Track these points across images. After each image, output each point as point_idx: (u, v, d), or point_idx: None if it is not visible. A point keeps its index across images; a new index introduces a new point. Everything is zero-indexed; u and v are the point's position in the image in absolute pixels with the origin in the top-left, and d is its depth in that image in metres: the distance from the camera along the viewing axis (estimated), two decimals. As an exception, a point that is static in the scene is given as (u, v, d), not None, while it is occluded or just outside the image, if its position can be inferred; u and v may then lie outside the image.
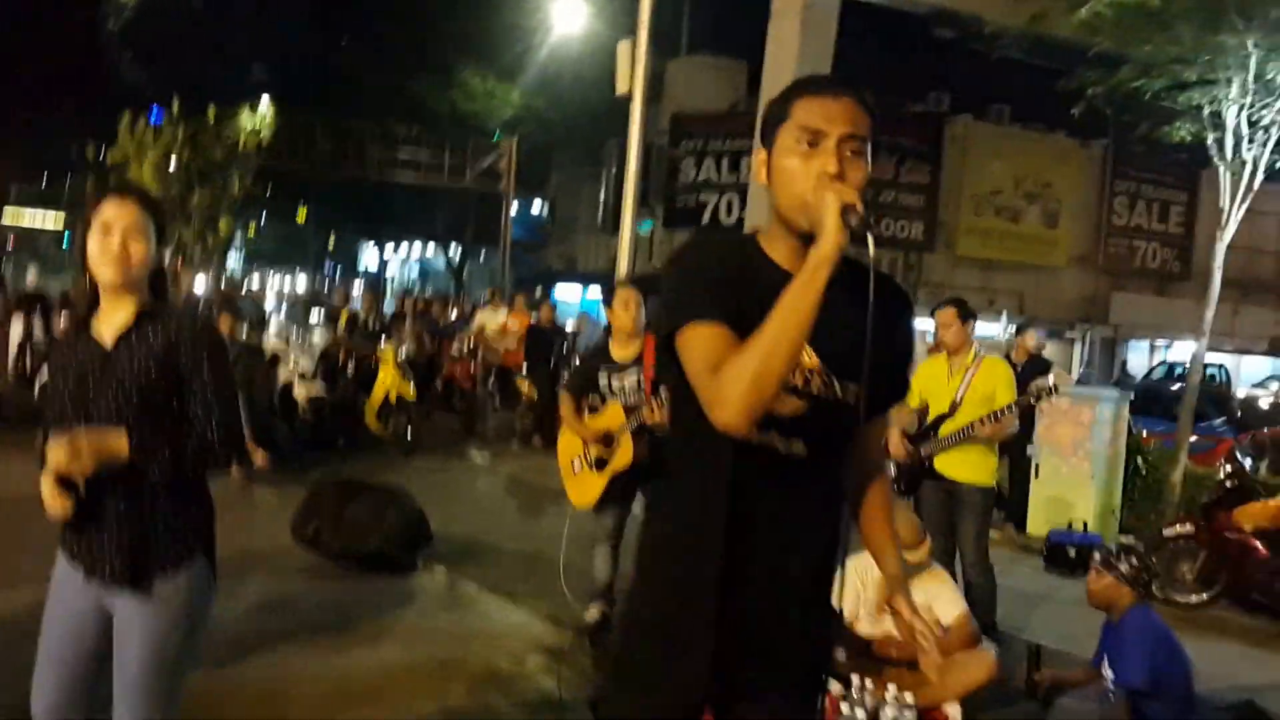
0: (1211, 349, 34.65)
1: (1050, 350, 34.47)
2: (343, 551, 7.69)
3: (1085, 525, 10.23)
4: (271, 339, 12.79)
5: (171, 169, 10.90)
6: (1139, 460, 11.65)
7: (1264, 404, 29.80)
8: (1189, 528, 9.22)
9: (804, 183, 2.35)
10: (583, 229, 31.57)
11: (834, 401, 2.41)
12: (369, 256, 57.90)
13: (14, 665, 3.46)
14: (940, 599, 6.01)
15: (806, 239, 2.33)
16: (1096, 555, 5.83)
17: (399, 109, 29.08)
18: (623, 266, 15.58)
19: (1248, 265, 35.02)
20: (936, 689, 5.70)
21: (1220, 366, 35.34)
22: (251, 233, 49.80)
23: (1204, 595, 9.02)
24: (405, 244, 54.16)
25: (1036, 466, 11.22)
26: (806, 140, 2.35)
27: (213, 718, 5.11)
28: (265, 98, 24.29)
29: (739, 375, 2.21)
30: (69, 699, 3.23)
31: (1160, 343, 35.54)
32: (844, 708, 5.21)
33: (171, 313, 3.20)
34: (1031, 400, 7.12)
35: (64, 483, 3.03)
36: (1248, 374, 35.85)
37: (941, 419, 7.11)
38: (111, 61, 29.93)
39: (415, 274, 56.55)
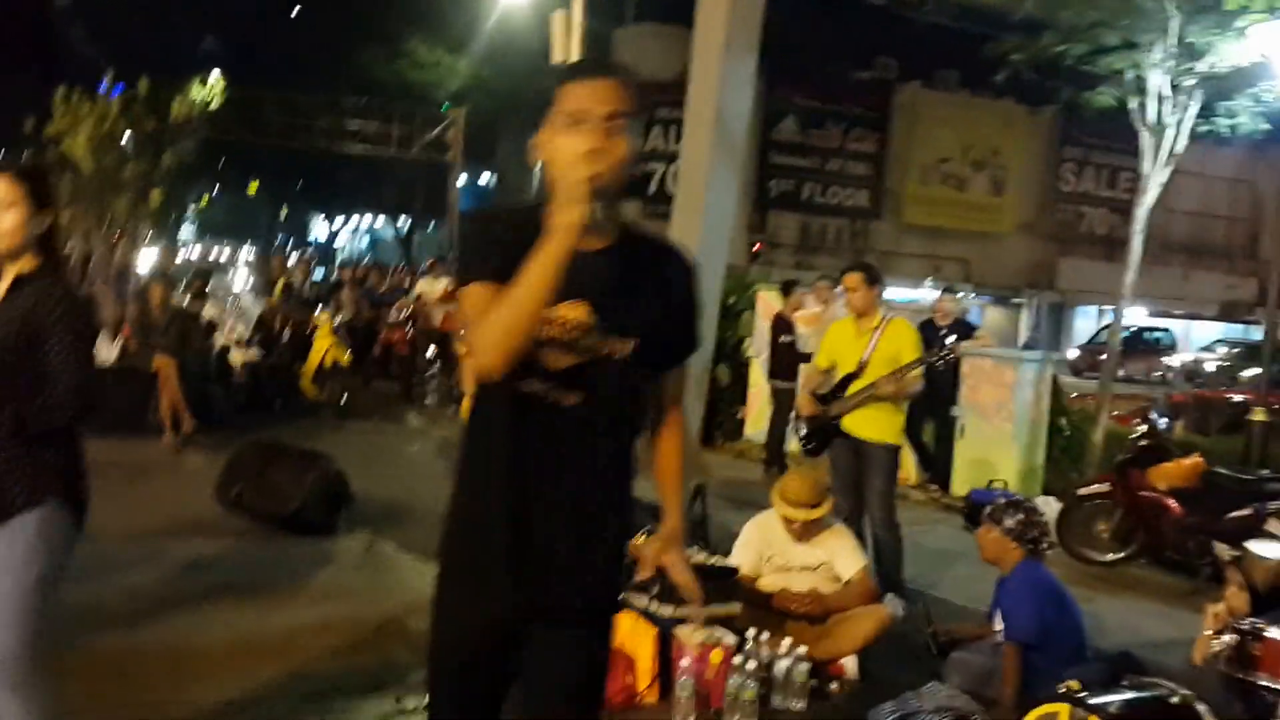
0: (1161, 314, 35.18)
1: (997, 316, 34.92)
2: (264, 514, 7.79)
3: (1006, 485, 10.40)
4: (208, 307, 12.87)
5: (103, 142, 10.87)
6: (1063, 421, 11.85)
7: (1209, 367, 30.23)
8: (1105, 486, 9.38)
9: (566, 159, 2.54)
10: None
11: (604, 357, 2.61)
12: (319, 228, 57.70)
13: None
14: (840, 555, 6.14)
15: None
16: (985, 510, 5.98)
17: (347, 81, 28.91)
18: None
19: (1199, 231, 35.47)
20: (833, 642, 5.83)
21: (1166, 330, 35.80)
22: (205, 204, 49.50)
23: (1120, 553, 9.15)
24: (355, 215, 53.98)
25: (961, 427, 11.40)
26: (572, 121, 2.55)
27: (121, 674, 5.21)
28: (215, 71, 24.08)
29: (491, 326, 2.48)
30: None
31: (1108, 308, 35.93)
32: (737, 660, 5.29)
33: (45, 276, 3.47)
34: (931, 360, 7.27)
35: None
36: (1198, 339, 36.29)
37: (850, 378, 7.26)
38: (61, 36, 29.71)
39: (365, 245, 56.44)
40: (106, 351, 10.76)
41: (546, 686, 2.72)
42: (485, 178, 40.51)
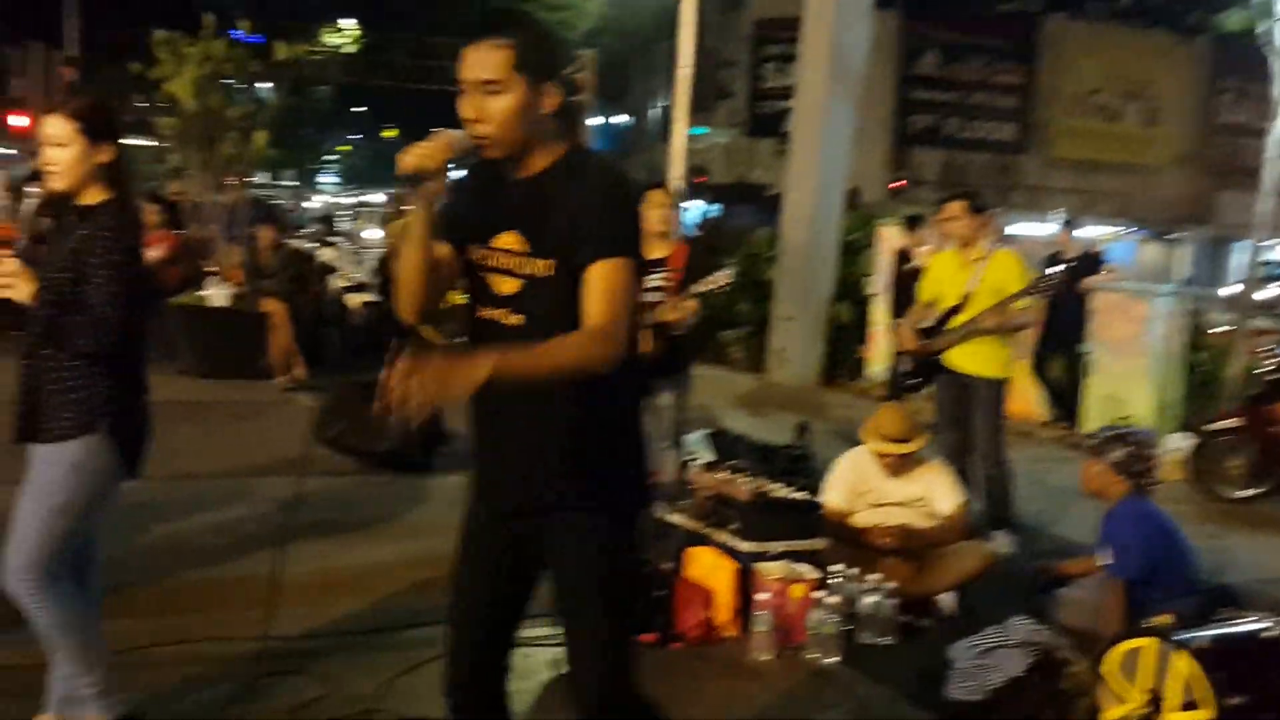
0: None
1: (1153, 252, 33.63)
2: (362, 452, 7.81)
3: (1137, 422, 9.94)
4: (326, 250, 12.99)
5: (205, 82, 10.99)
6: (1201, 356, 11.30)
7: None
8: (1236, 421, 8.93)
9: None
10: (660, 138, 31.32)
11: (535, 278, 2.81)
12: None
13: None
14: (937, 490, 5.97)
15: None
16: (1090, 442, 5.68)
17: (480, 22, 28.64)
18: (676, 171, 15.47)
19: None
20: (928, 578, 5.71)
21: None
22: (346, 150, 50.30)
23: (1253, 490, 8.76)
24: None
25: (1092, 363, 10.95)
26: (462, 86, 2.77)
27: (201, 606, 5.30)
28: (349, 20, 24.32)
29: (401, 284, 2.90)
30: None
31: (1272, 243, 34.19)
32: (818, 595, 5.17)
33: (107, 209, 3.58)
34: (1036, 291, 6.89)
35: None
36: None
37: (953, 311, 6.97)
38: None
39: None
40: (218, 294, 10.90)
41: (559, 580, 2.94)
42: (620, 119, 40.44)
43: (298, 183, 47.85)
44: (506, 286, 2.85)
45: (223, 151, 11.57)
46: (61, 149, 3.53)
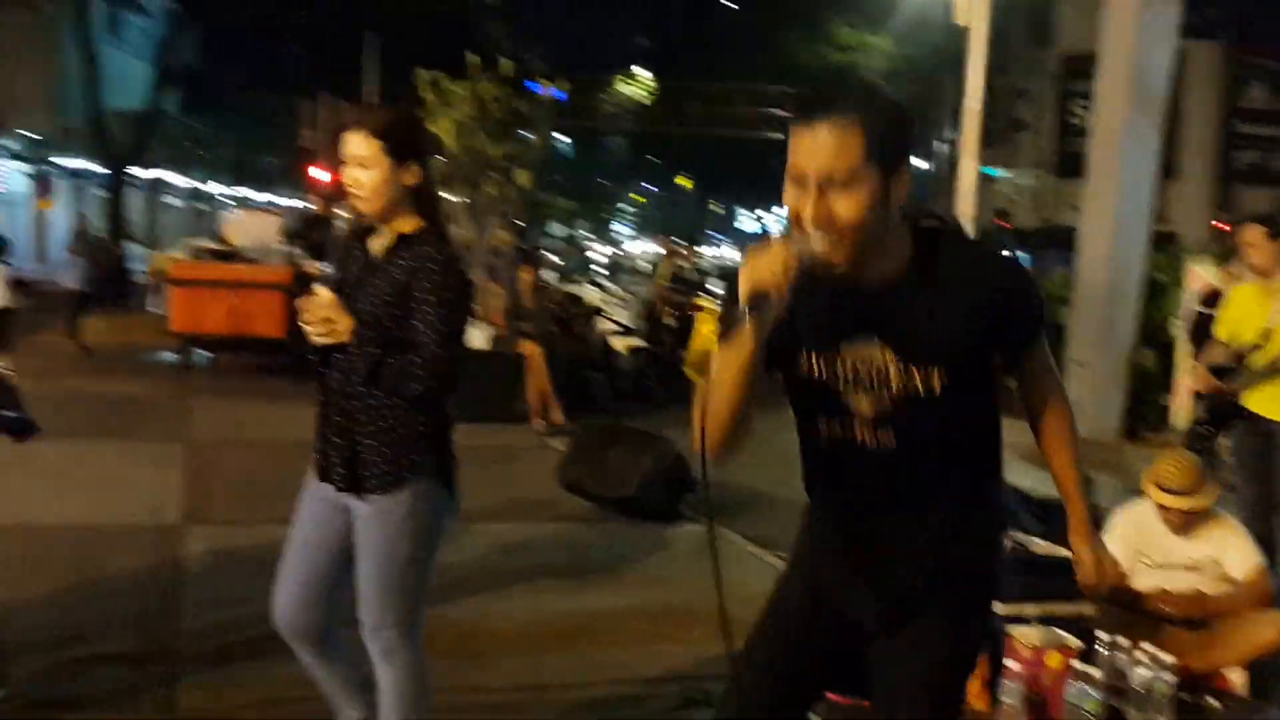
0: None
1: None
2: (603, 497, 7.57)
3: None
4: (591, 292, 12.96)
5: (469, 125, 11.12)
6: None
7: None
8: None
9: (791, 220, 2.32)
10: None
11: (912, 391, 2.44)
12: (748, 222, 58.56)
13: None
14: (1229, 550, 5.24)
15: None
16: None
17: (766, 67, 28.73)
18: (964, 210, 14.76)
19: None
20: (1217, 652, 5.01)
21: None
22: (638, 200, 51.19)
23: None
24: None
25: None
26: (794, 176, 2.27)
27: None
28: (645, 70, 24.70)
29: (706, 414, 2.38)
30: (307, 595, 3.49)
31: None
32: (1079, 665, 4.55)
33: (428, 239, 3.35)
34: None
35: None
36: None
37: (1251, 350, 6.17)
38: (484, 34, 31.42)
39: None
40: (478, 336, 10.92)
41: (892, 684, 2.64)
42: (923, 164, 39.51)
43: (592, 233, 49.06)
44: (865, 404, 2.47)
45: (486, 192, 11.67)
46: (364, 170, 3.30)
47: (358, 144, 3.29)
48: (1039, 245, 27.41)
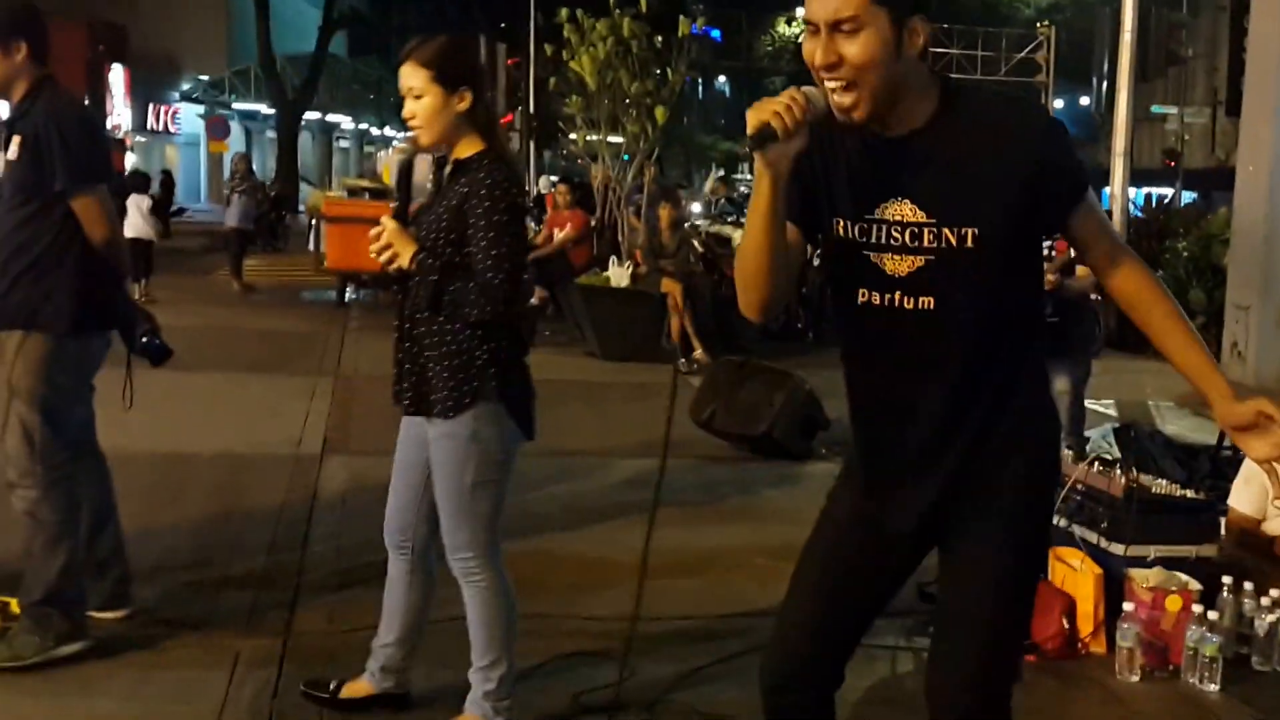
0: None
1: None
2: (735, 435, 7.52)
3: None
4: (739, 232, 12.81)
5: (608, 60, 11.04)
6: None
7: None
8: None
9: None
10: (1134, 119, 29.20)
11: (943, 249, 2.38)
12: None
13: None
14: None
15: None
16: None
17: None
18: (1119, 147, 14.20)
19: None
20: None
21: None
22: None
23: None
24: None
25: None
26: (810, 29, 2.32)
27: (523, 580, 5.16)
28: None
29: (737, 276, 2.46)
30: (406, 509, 3.63)
31: None
32: (1200, 610, 4.35)
33: (482, 161, 3.36)
34: None
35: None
36: None
37: None
38: None
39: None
40: (620, 275, 10.91)
41: (958, 566, 2.56)
42: (1084, 100, 38.20)
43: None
44: (901, 266, 2.40)
45: (628, 130, 11.62)
46: (417, 101, 3.35)
47: (408, 74, 3.34)
48: (1211, 185, 26.26)
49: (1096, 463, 5.40)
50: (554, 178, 16.40)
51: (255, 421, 7.97)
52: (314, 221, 13.80)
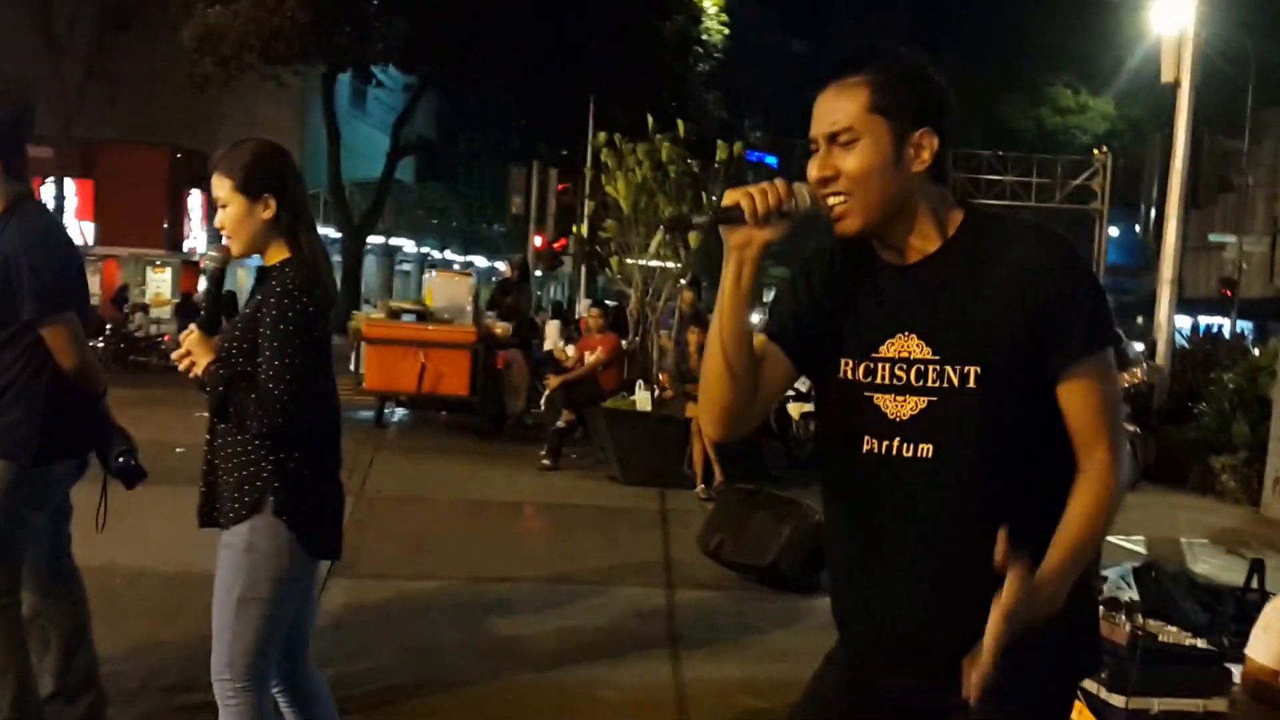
0: None
1: None
2: (743, 566, 7.43)
3: None
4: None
5: (643, 184, 11.17)
6: None
7: None
8: None
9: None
10: (1190, 248, 29.04)
11: (949, 391, 2.19)
12: None
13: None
14: None
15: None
16: None
17: (981, 133, 28.20)
18: (1166, 275, 14.09)
19: None
20: None
21: None
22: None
23: None
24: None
25: None
26: (813, 148, 2.27)
27: (505, 714, 5.15)
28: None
29: (701, 384, 2.32)
30: None
31: None
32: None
33: (281, 271, 3.33)
34: None
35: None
36: None
37: None
38: (699, 101, 31.85)
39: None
40: (644, 399, 10.92)
41: None
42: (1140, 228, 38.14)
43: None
44: (904, 409, 2.23)
45: (662, 256, 11.73)
46: (224, 210, 3.34)
47: (215, 185, 3.34)
48: (1266, 315, 25.91)
49: (1102, 608, 5.27)
50: (588, 300, 16.62)
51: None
52: (354, 342, 13.96)
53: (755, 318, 2.35)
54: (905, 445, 2.21)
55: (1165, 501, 11.78)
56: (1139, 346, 14.35)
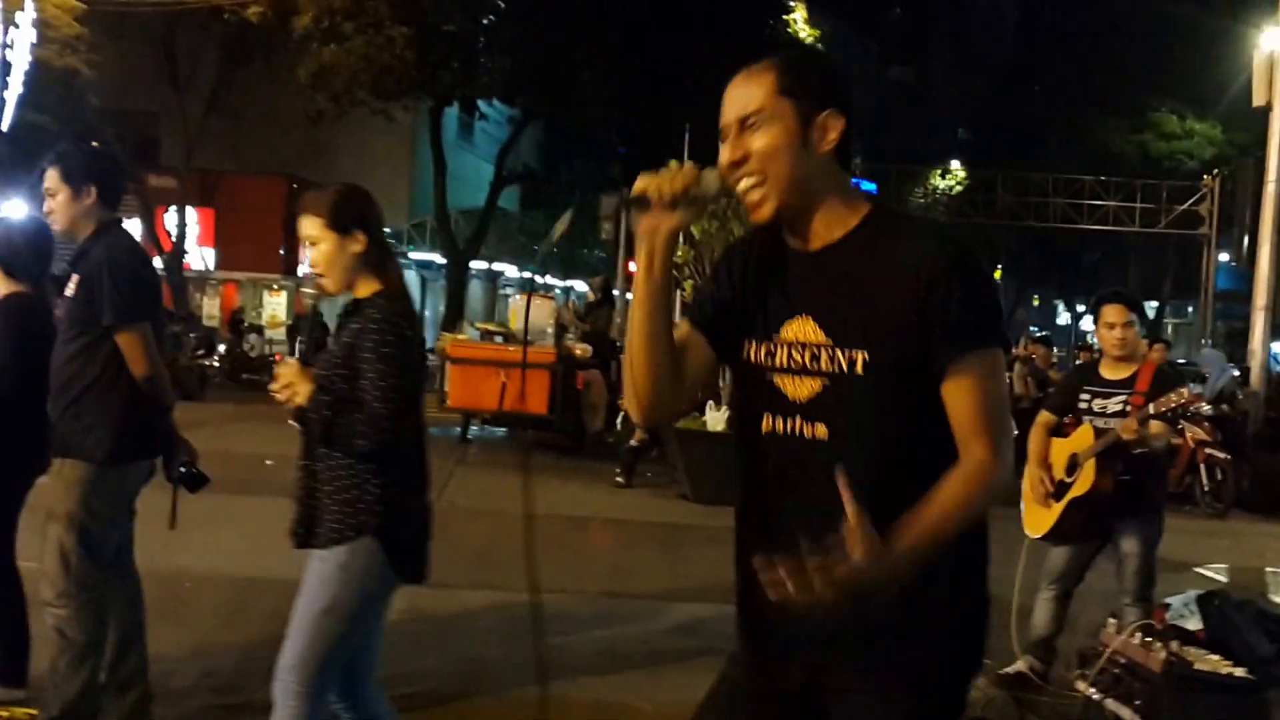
0: None
1: None
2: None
3: None
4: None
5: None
6: None
7: None
8: None
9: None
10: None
11: (837, 374, 2.23)
12: (1062, 317, 57.43)
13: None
14: None
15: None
16: None
17: (1084, 157, 27.67)
18: (1260, 300, 13.75)
19: None
20: None
21: None
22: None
23: None
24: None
25: None
26: (722, 135, 2.31)
27: None
28: (954, 161, 24.46)
29: (624, 372, 2.37)
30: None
31: None
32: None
33: (375, 302, 3.50)
34: None
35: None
36: None
37: None
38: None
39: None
40: (716, 419, 10.93)
41: None
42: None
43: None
44: (802, 389, 2.26)
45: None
46: (316, 248, 3.53)
47: (305, 225, 3.52)
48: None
49: (1139, 634, 5.14)
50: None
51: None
52: (441, 361, 14.33)
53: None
54: (804, 425, 2.25)
55: (1257, 530, 11.46)
56: (1234, 372, 13.99)
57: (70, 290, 4.31)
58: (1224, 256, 28.44)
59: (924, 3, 45.41)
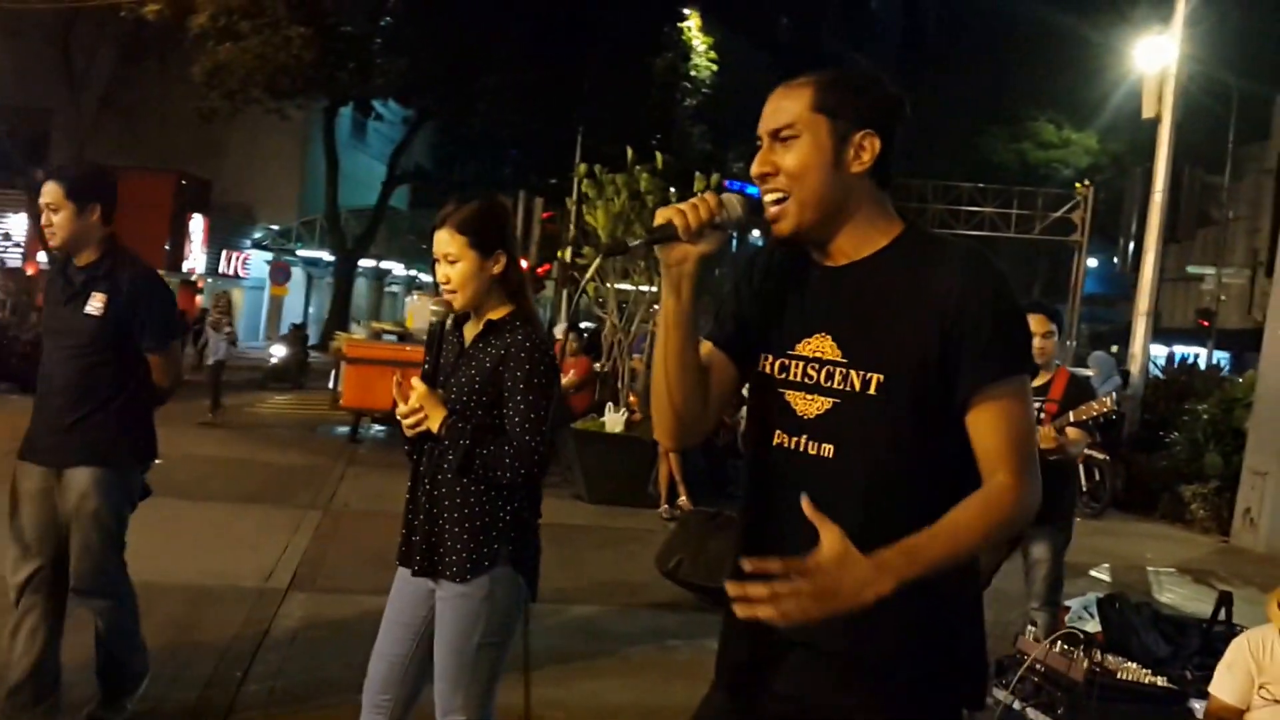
0: None
1: None
2: (700, 587, 7.43)
3: None
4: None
5: (621, 215, 11.34)
6: None
7: None
8: None
9: None
10: (1168, 279, 29.17)
11: (849, 393, 2.20)
12: None
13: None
14: None
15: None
16: None
17: (962, 164, 28.34)
18: (1142, 306, 14.23)
19: None
20: None
21: None
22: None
23: None
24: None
25: None
26: (757, 146, 2.27)
27: None
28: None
29: (652, 396, 2.34)
30: (391, 674, 3.50)
31: None
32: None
33: (516, 325, 3.37)
34: None
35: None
36: None
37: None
38: (684, 134, 32.20)
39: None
40: (614, 421, 11.03)
41: None
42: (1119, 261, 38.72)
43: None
44: (811, 407, 2.23)
45: (635, 281, 11.92)
46: (452, 265, 3.34)
47: (445, 240, 3.33)
48: (1243, 347, 26.03)
49: (1059, 642, 5.18)
50: (564, 324, 16.88)
51: (234, 553, 8.01)
52: (336, 360, 14.29)
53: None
54: (811, 443, 2.21)
55: (1133, 529, 11.85)
56: (1117, 379, 14.47)
57: (95, 309, 4.36)
58: (1093, 262, 29.36)
59: (813, 13, 46.25)
